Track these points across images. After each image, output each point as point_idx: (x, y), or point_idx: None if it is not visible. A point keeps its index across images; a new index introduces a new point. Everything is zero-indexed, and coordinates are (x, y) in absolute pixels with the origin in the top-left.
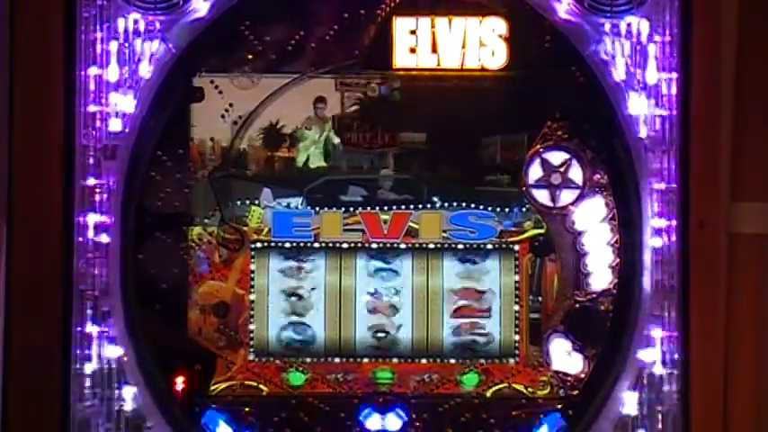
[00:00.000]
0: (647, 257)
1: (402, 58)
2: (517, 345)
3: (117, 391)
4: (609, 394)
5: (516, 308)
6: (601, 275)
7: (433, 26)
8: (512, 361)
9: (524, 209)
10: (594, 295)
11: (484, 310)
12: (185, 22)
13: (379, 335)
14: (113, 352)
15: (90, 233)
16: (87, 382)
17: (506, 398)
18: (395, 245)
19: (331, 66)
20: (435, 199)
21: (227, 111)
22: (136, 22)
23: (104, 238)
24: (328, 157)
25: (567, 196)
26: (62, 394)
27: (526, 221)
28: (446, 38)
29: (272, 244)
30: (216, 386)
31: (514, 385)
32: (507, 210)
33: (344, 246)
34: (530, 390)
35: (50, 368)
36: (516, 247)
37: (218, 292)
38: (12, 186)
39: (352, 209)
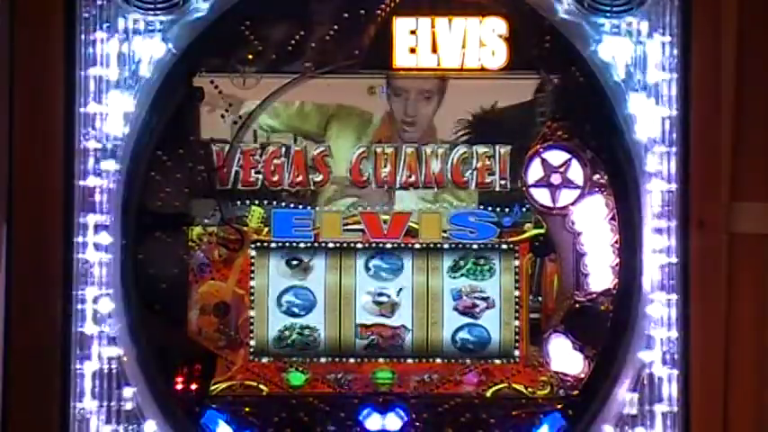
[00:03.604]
0: (647, 257)
1: (402, 58)
2: (517, 345)
3: (117, 391)
4: (609, 394)
5: (516, 308)
6: (601, 275)
7: (433, 26)
8: (512, 361)
9: (524, 209)
10: (594, 295)
11: (484, 310)
12: (185, 22)
13: (379, 335)
14: (113, 352)
15: (90, 233)
16: (87, 382)
17: (506, 398)
18: (395, 245)
19: (331, 66)
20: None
21: (227, 111)
22: (136, 21)
23: (104, 238)
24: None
25: (567, 196)
26: (62, 394)
27: (526, 221)
28: (446, 38)
29: (272, 244)
30: (216, 386)
31: (514, 385)
32: (507, 210)
33: (344, 246)
34: (530, 390)
35: (50, 368)
36: (516, 247)
37: (218, 292)
38: (12, 186)
39: (351, 209)
